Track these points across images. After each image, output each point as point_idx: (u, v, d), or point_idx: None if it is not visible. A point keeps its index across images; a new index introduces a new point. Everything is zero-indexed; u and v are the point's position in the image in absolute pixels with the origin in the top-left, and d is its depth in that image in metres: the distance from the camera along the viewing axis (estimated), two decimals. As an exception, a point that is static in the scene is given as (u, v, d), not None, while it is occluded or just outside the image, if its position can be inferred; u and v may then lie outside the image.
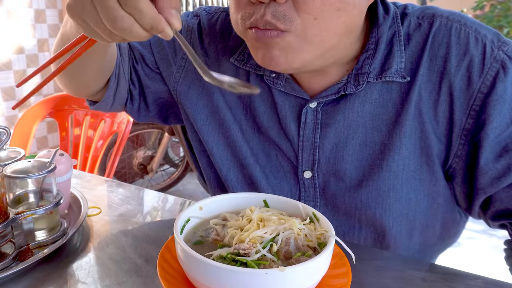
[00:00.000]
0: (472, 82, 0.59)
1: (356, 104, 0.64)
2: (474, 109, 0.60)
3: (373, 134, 0.64)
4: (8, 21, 2.50)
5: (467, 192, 0.65)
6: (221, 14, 0.76)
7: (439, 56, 0.61)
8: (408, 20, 0.64)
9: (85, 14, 0.43)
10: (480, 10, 3.62)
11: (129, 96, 0.79)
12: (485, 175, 0.61)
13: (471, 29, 0.61)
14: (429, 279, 0.55)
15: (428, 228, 0.68)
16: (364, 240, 0.69)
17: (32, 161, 0.61)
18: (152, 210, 0.76)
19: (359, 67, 0.63)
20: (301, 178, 0.69)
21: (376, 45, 0.63)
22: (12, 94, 2.61)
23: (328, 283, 0.47)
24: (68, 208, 0.71)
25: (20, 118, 1.50)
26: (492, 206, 0.63)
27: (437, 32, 0.62)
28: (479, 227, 2.40)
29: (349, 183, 0.66)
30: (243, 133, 0.72)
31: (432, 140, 0.62)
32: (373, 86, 0.63)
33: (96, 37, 0.46)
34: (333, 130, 0.66)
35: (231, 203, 0.55)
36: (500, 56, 0.59)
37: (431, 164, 0.64)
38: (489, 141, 0.59)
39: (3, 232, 0.55)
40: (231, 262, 0.43)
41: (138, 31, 0.42)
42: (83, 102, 1.55)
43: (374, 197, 0.65)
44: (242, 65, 0.70)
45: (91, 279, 0.53)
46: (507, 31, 3.34)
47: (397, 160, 0.63)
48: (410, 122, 0.62)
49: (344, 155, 0.66)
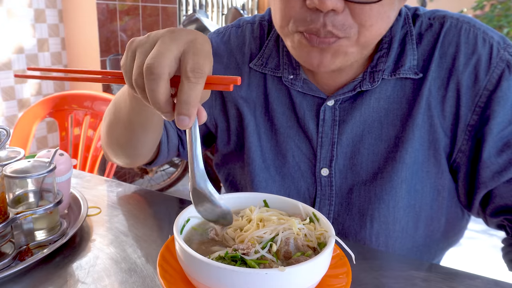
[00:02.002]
0: (479, 80, 0.63)
1: (372, 101, 0.68)
2: (479, 105, 0.63)
3: (388, 129, 0.68)
4: (8, 20, 2.49)
5: (467, 188, 0.67)
6: (231, 29, 0.80)
7: (448, 54, 0.65)
8: (420, 21, 0.68)
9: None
10: (480, 10, 3.62)
11: (180, 142, 0.82)
12: (487, 169, 0.63)
13: (479, 30, 0.65)
14: (429, 279, 0.55)
15: (433, 220, 0.70)
16: (376, 238, 0.69)
17: (32, 161, 0.61)
18: (152, 210, 0.76)
19: (374, 65, 0.67)
20: (318, 176, 0.71)
21: (390, 44, 0.67)
22: (12, 94, 2.61)
23: (328, 283, 0.47)
24: (68, 208, 0.71)
25: (20, 118, 1.50)
26: (492, 202, 0.65)
27: (448, 32, 0.65)
28: (479, 227, 2.40)
29: (365, 176, 0.69)
30: (261, 135, 0.75)
31: (440, 134, 0.66)
32: (387, 83, 0.67)
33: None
34: (350, 126, 0.69)
35: (231, 203, 0.54)
36: (505, 56, 0.63)
37: (438, 157, 0.66)
38: (492, 136, 0.62)
39: (3, 232, 0.55)
40: (231, 262, 0.43)
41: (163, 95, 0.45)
42: (83, 102, 1.55)
43: (388, 189, 0.67)
44: (261, 69, 0.74)
45: (91, 279, 0.53)
46: (507, 30, 3.34)
47: (410, 152, 0.66)
48: (421, 115, 0.65)
49: (361, 149, 0.69)
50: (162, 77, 0.43)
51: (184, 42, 0.45)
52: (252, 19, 0.79)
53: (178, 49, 0.45)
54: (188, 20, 2.81)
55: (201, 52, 0.45)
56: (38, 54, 2.71)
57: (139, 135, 0.68)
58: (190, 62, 0.44)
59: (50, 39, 2.80)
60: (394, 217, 0.68)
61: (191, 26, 2.77)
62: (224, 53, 0.79)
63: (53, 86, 2.87)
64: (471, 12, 3.64)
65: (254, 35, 0.77)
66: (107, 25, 2.88)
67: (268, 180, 0.74)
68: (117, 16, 2.94)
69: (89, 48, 2.84)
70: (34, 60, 2.69)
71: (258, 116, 0.75)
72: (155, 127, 0.68)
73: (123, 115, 0.66)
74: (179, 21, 3.66)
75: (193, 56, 0.44)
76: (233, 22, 0.81)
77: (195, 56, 0.44)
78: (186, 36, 0.46)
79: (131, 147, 0.72)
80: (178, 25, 3.52)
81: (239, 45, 0.78)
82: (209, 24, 2.81)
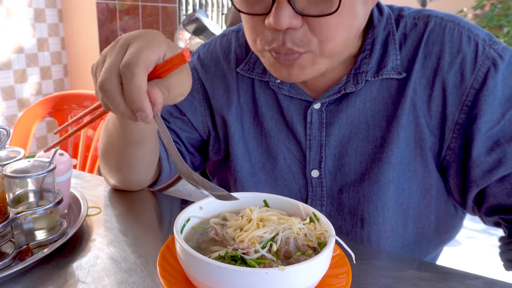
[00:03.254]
0: (465, 79, 0.63)
1: (358, 103, 0.68)
2: (466, 104, 0.63)
3: (375, 130, 0.68)
4: (8, 20, 2.49)
5: (460, 186, 0.67)
6: (217, 39, 0.82)
7: (433, 53, 0.65)
8: (405, 21, 0.68)
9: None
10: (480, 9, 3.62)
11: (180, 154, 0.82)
12: (477, 168, 0.63)
13: (464, 28, 0.65)
14: (429, 279, 0.55)
15: (422, 218, 0.70)
16: (367, 238, 0.70)
17: (32, 161, 0.61)
18: (152, 210, 0.76)
19: (357, 66, 0.67)
20: (309, 178, 0.72)
21: (372, 45, 0.67)
22: (12, 94, 2.61)
23: (328, 283, 0.47)
24: (68, 208, 0.71)
25: (20, 118, 1.50)
26: (485, 201, 0.65)
27: (432, 31, 0.65)
28: (479, 227, 2.40)
29: (353, 177, 0.69)
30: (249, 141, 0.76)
31: (426, 133, 0.66)
32: (372, 85, 0.67)
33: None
34: (337, 128, 0.69)
35: (231, 203, 0.54)
36: (491, 54, 0.63)
37: (425, 156, 0.67)
38: (480, 135, 0.62)
39: (3, 231, 0.55)
40: (231, 261, 0.43)
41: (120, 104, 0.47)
42: (82, 101, 1.55)
43: (376, 190, 0.67)
44: (248, 74, 0.75)
45: (91, 278, 0.53)
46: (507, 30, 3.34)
47: (396, 153, 0.66)
48: (406, 116, 0.65)
49: (348, 150, 0.69)
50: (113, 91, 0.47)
51: (129, 43, 0.48)
52: (237, 27, 0.81)
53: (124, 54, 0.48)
54: (188, 19, 2.80)
55: (139, 43, 0.47)
56: (38, 53, 2.71)
57: (135, 153, 0.68)
58: (124, 58, 0.46)
59: (50, 38, 2.80)
60: (384, 217, 0.68)
61: (191, 25, 2.77)
62: (211, 62, 0.79)
63: (53, 86, 2.87)
64: (471, 12, 3.64)
65: (239, 42, 0.78)
66: (107, 25, 2.88)
67: (258, 185, 0.75)
68: (117, 15, 2.94)
69: (89, 47, 2.85)
70: (34, 60, 2.69)
71: (247, 122, 0.76)
72: (149, 141, 0.68)
73: (115, 138, 0.67)
74: (179, 20, 3.66)
75: (129, 50, 0.47)
76: (219, 34, 0.83)
77: (130, 49, 0.47)
78: (133, 36, 0.49)
79: (129, 168, 0.72)
80: (178, 25, 3.52)
81: (225, 52, 0.79)
82: (209, 23, 2.80)
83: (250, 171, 0.75)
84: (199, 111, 0.79)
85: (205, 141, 0.83)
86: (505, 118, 0.62)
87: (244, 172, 0.75)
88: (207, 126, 0.80)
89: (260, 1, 0.57)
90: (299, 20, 0.55)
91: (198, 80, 0.80)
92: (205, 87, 0.79)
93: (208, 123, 0.80)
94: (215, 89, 0.78)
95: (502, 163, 0.62)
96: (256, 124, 0.75)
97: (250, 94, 0.76)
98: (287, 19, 0.54)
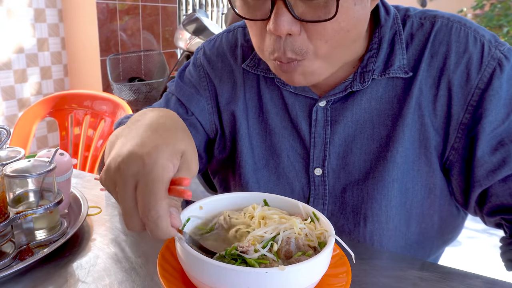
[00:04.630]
0: (471, 79, 0.63)
1: (363, 101, 0.68)
2: (471, 104, 0.64)
3: (380, 129, 0.68)
4: (8, 20, 2.49)
5: (463, 186, 0.67)
6: (223, 34, 0.82)
7: (439, 53, 0.65)
8: (411, 21, 0.68)
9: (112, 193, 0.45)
10: (480, 9, 3.62)
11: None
12: (481, 167, 0.64)
13: (470, 29, 0.65)
14: (429, 279, 0.55)
15: (425, 218, 0.70)
16: (370, 237, 0.70)
17: (32, 161, 0.61)
18: (152, 210, 0.75)
19: (364, 65, 0.67)
20: (312, 176, 0.72)
21: (379, 44, 0.67)
22: (12, 94, 2.61)
23: (328, 282, 0.47)
24: (68, 208, 0.71)
25: (20, 118, 1.50)
26: (488, 201, 0.65)
27: (439, 31, 0.66)
28: (479, 227, 2.40)
29: (357, 176, 0.69)
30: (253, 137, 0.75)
31: (431, 133, 0.66)
32: (378, 84, 0.67)
33: None
34: (342, 126, 0.70)
35: (232, 202, 0.55)
36: (497, 54, 0.63)
37: (429, 155, 0.67)
38: (485, 134, 0.63)
39: (3, 231, 0.55)
40: (231, 261, 0.43)
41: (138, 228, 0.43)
42: (83, 101, 1.55)
43: (380, 189, 0.67)
44: (254, 70, 0.75)
45: (91, 278, 0.53)
46: (507, 30, 3.34)
47: (401, 152, 0.66)
48: (411, 115, 0.66)
49: (353, 149, 0.70)
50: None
51: (136, 180, 0.41)
52: (243, 23, 0.80)
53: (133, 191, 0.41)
54: (188, 19, 2.81)
55: (148, 185, 0.41)
56: (38, 53, 2.71)
57: None
58: (141, 208, 0.41)
59: (50, 38, 2.80)
60: (387, 216, 0.68)
61: (191, 25, 2.77)
62: (217, 58, 0.79)
63: (53, 86, 2.87)
64: (471, 11, 3.64)
65: (246, 38, 0.78)
66: (107, 25, 2.88)
67: (260, 181, 0.75)
68: (117, 15, 2.94)
69: (89, 47, 2.85)
70: (34, 60, 2.69)
71: (252, 117, 0.76)
72: None
73: None
74: (178, 20, 3.66)
75: (142, 194, 0.41)
76: (224, 30, 0.82)
77: (144, 193, 0.40)
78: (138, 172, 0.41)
79: None
80: (178, 25, 3.52)
81: (232, 48, 0.79)
82: (209, 23, 2.81)
83: (254, 168, 0.75)
84: (207, 109, 0.79)
85: (210, 140, 0.83)
86: (510, 118, 0.63)
87: (248, 167, 0.75)
88: (214, 124, 0.80)
89: (260, 7, 0.58)
90: (297, 26, 0.56)
91: (205, 77, 0.80)
92: (213, 84, 0.79)
93: (216, 121, 0.80)
94: (224, 85, 0.78)
95: (506, 163, 0.62)
96: (261, 121, 0.75)
97: (255, 90, 0.76)
98: (286, 25, 0.55)
